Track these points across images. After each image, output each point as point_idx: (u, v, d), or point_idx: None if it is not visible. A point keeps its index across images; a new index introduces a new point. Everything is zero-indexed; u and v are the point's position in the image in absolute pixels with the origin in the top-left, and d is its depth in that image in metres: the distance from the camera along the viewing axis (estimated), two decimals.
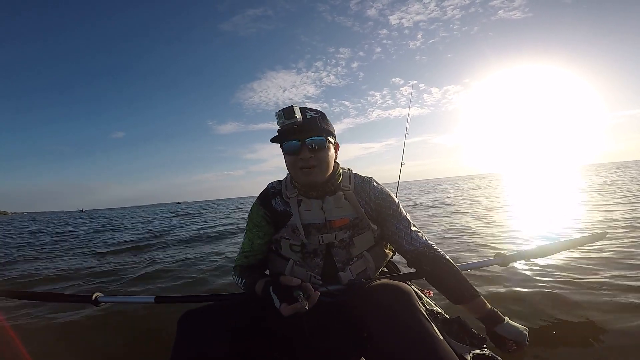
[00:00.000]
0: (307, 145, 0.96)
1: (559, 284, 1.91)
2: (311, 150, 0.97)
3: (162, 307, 1.90)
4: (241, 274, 1.07)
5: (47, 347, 1.63)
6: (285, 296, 0.79)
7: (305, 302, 0.77)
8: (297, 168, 0.99)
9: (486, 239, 3.58)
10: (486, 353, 0.89)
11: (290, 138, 0.97)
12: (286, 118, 0.92)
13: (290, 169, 1.02)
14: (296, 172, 1.00)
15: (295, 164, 0.98)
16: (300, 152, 0.96)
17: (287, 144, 0.98)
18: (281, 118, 0.93)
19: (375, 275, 1.10)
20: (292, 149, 0.97)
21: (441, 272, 1.00)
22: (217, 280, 2.75)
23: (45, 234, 9.48)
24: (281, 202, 1.08)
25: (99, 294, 1.40)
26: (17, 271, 3.76)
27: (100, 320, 1.90)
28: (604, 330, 1.33)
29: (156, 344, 1.57)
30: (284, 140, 0.99)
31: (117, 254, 4.63)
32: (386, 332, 0.74)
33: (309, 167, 0.97)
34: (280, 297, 0.80)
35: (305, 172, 0.97)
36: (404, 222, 1.08)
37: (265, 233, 1.10)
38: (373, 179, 1.15)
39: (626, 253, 2.40)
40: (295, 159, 0.98)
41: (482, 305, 0.97)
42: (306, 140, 0.96)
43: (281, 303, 0.79)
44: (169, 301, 1.35)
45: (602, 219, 4.07)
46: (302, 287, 0.81)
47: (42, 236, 8.64)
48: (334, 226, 1.03)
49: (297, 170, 0.99)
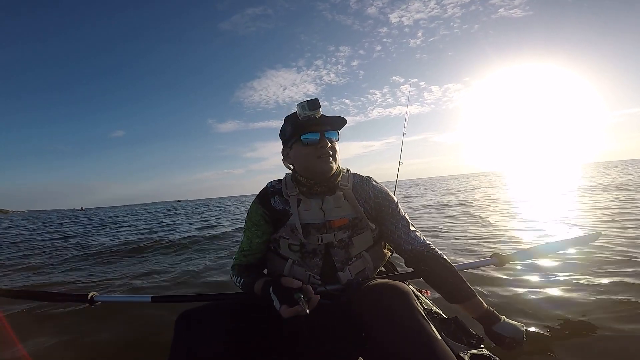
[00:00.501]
0: (325, 137, 1.02)
1: (555, 283, 1.93)
2: (329, 141, 1.02)
3: (159, 307, 1.89)
4: (240, 274, 1.07)
5: (43, 346, 1.61)
6: (286, 298, 0.79)
7: (305, 305, 0.76)
8: (315, 157, 1.01)
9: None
10: (483, 352, 0.90)
11: (310, 129, 1.01)
12: (309, 109, 0.98)
13: (305, 159, 1.03)
14: (313, 162, 1.02)
15: (314, 153, 1.01)
16: (320, 142, 1.01)
17: (307, 135, 1.02)
18: (304, 109, 0.98)
19: (374, 275, 1.11)
20: (312, 140, 1.01)
21: (439, 271, 1.01)
22: (215, 279, 2.75)
23: (38, 232, 9.39)
24: (280, 201, 1.08)
25: (94, 294, 1.40)
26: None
27: (96, 320, 1.88)
28: (601, 329, 1.34)
29: (153, 344, 1.56)
30: (303, 131, 1.02)
31: (112, 253, 4.60)
32: (385, 331, 0.74)
33: (328, 155, 1.01)
34: (280, 298, 0.80)
35: (324, 160, 1.01)
36: (402, 222, 1.08)
37: (264, 232, 1.10)
38: (372, 178, 1.15)
39: (622, 252, 2.43)
40: (314, 149, 1.01)
41: (479, 304, 0.98)
42: (325, 133, 1.02)
43: (281, 305, 0.79)
44: (166, 301, 1.35)
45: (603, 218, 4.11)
46: (303, 290, 0.81)
47: (37, 235, 8.54)
48: (334, 226, 1.03)
49: (314, 159, 1.01)
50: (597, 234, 1.71)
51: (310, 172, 1.04)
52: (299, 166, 1.07)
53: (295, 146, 1.05)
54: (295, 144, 1.04)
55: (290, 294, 0.79)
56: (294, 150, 1.06)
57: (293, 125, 1.04)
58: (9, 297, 1.58)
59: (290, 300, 0.78)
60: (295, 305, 0.77)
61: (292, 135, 1.05)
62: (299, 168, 1.07)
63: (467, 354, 0.88)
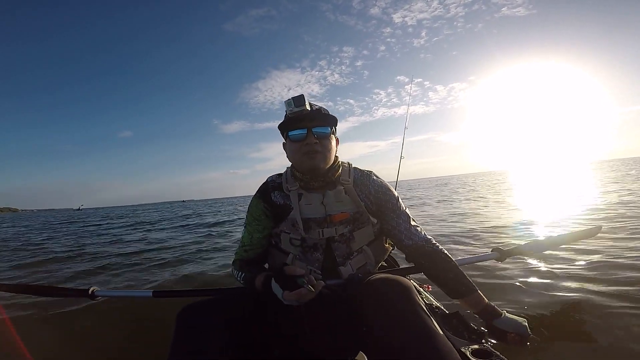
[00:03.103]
0: (313, 133, 1.00)
1: (555, 278, 1.93)
2: (316, 137, 1.01)
3: (160, 302, 1.89)
4: (241, 268, 1.07)
5: (43, 341, 1.62)
6: (289, 284, 0.78)
7: (310, 287, 0.75)
8: (301, 153, 1.01)
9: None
10: (485, 347, 0.90)
11: (297, 126, 1.02)
12: (295, 105, 0.97)
13: (294, 155, 1.05)
14: (301, 158, 1.02)
15: (301, 149, 1.01)
16: (306, 138, 1.00)
17: (294, 131, 1.02)
18: (290, 105, 0.98)
19: (375, 270, 1.10)
20: (298, 136, 1.01)
21: (439, 266, 1.01)
22: (216, 274, 2.75)
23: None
24: (281, 196, 1.08)
25: (95, 288, 1.39)
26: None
27: (97, 315, 1.89)
28: (602, 325, 1.34)
29: (154, 338, 1.56)
30: (291, 128, 1.02)
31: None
32: (386, 326, 0.74)
33: (314, 151, 1.00)
34: (282, 285, 0.79)
35: (310, 156, 1.00)
36: (403, 217, 1.08)
37: (265, 227, 1.10)
38: (373, 173, 1.14)
39: (623, 247, 2.42)
40: (300, 145, 1.01)
41: (480, 299, 0.98)
42: (313, 128, 1.01)
43: (284, 291, 0.78)
44: (167, 295, 1.35)
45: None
46: (306, 277, 0.80)
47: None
48: (334, 220, 1.03)
49: (302, 155, 1.02)
50: (597, 228, 1.71)
51: (299, 168, 1.06)
52: (292, 162, 1.09)
53: (287, 142, 1.07)
54: (287, 140, 1.07)
55: (293, 280, 0.78)
56: (287, 146, 1.08)
57: (283, 121, 1.06)
58: (10, 291, 1.57)
59: (293, 286, 0.77)
60: (297, 289, 0.76)
61: (282, 132, 1.07)
62: (292, 163, 1.09)
63: (468, 349, 0.88)
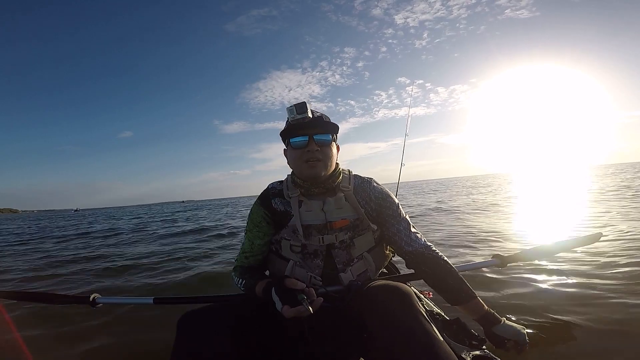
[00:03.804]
0: (314, 141, 1.01)
1: (556, 284, 1.93)
2: (318, 145, 1.01)
3: (161, 309, 1.89)
4: (241, 275, 1.07)
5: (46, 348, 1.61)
6: (289, 299, 0.78)
7: (308, 306, 0.76)
8: (302, 161, 1.02)
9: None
10: (486, 354, 0.90)
11: (298, 133, 1.02)
12: (298, 112, 0.98)
13: (295, 163, 1.05)
14: (301, 165, 1.03)
15: (302, 157, 1.02)
16: (307, 145, 1.01)
17: (296, 139, 1.03)
18: (292, 112, 0.98)
19: (376, 277, 1.10)
20: (300, 144, 1.02)
21: (439, 273, 1.01)
22: (217, 281, 2.74)
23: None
24: (281, 203, 1.08)
25: (96, 295, 1.39)
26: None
27: (98, 319, 1.88)
28: (603, 331, 1.34)
29: (155, 345, 1.56)
30: (292, 135, 1.03)
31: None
32: (386, 333, 0.74)
33: (315, 159, 1.00)
34: (283, 299, 0.79)
35: (311, 164, 1.01)
36: (403, 223, 1.08)
37: (265, 233, 1.10)
38: (373, 180, 1.15)
39: (624, 254, 2.42)
40: (302, 153, 1.02)
41: (480, 306, 0.98)
42: (314, 136, 1.01)
43: (283, 305, 0.78)
44: (168, 302, 1.34)
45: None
46: (306, 292, 0.80)
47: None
48: (335, 227, 1.03)
49: (302, 163, 1.02)
50: (597, 234, 1.71)
51: (300, 175, 1.06)
52: (292, 168, 1.10)
53: (288, 149, 1.08)
54: (288, 147, 1.07)
55: (293, 295, 0.78)
56: (288, 153, 1.09)
57: (285, 128, 1.06)
58: (10, 299, 1.57)
59: (293, 301, 0.77)
60: (297, 306, 0.76)
61: (284, 138, 1.08)
62: (293, 170, 1.10)
63: (469, 355, 0.88)
